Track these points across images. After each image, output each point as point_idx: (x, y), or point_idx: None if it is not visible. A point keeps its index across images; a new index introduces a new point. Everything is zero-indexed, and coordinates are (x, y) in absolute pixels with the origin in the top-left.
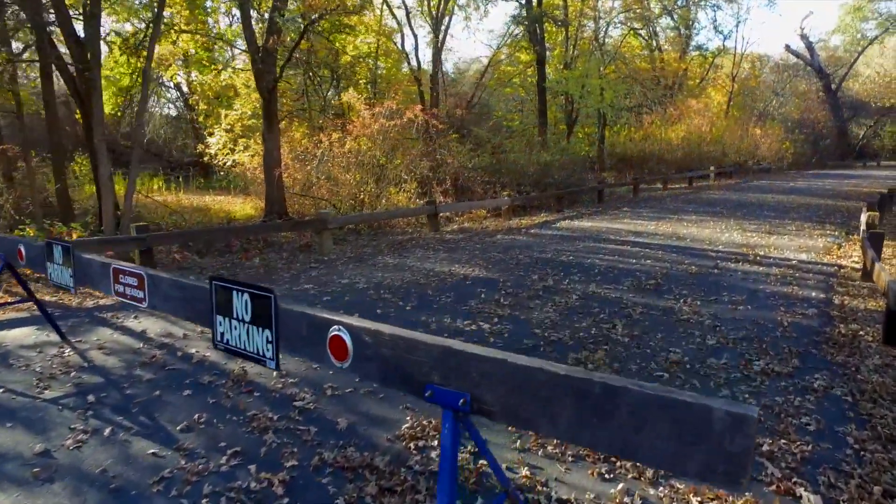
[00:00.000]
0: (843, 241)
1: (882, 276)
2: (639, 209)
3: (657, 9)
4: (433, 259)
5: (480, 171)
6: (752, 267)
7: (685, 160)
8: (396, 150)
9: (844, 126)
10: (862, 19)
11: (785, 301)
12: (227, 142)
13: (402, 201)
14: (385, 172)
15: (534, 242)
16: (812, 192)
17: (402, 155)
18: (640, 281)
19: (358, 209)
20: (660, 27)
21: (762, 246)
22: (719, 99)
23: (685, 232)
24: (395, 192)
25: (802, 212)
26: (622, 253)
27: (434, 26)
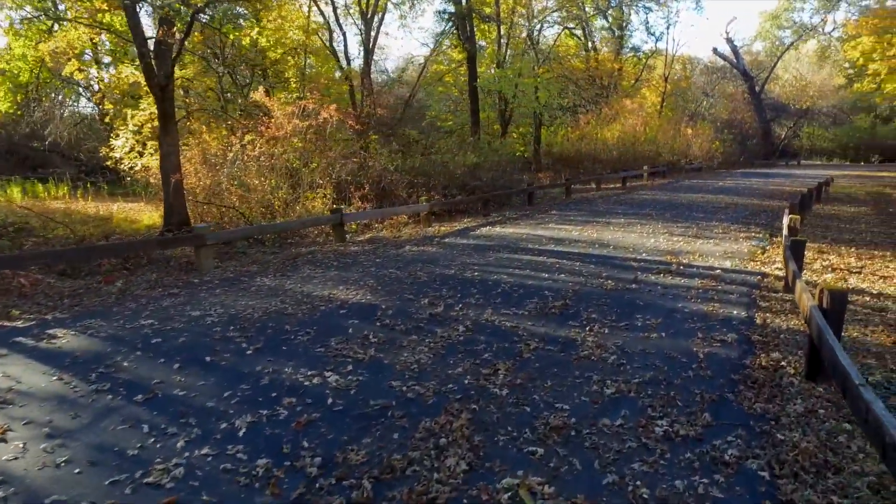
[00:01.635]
0: (768, 243)
1: (804, 300)
2: (568, 212)
3: (590, 9)
4: (319, 279)
5: (406, 173)
6: (673, 279)
7: (620, 160)
8: (313, 153)
9: (768, 127)
10: (779, 27)
11: (704, 324)
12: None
13: (318, 208)
14: (300, 177)
15: (442, 254)
16: (739, 192)
17: (318, 158)
18: (546, 302)
19: (269, 217)
20: (595, 28)
21: (687, 253)
22: (653, 99)
23: (610, 237)
24: (313, 197)
25: (730, 212)
26: (536, 266)
27: (365, 24)
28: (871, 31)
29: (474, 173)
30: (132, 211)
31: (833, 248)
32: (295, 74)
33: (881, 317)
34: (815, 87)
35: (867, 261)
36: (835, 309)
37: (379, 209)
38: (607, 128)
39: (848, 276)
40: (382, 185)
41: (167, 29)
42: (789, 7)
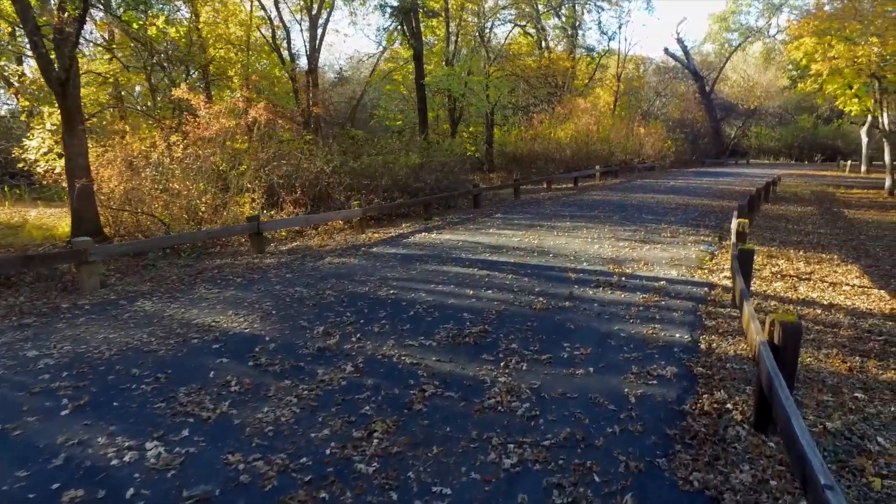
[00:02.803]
0: (716, 248)
1: (751, 332)
2: (513, 215)
3: (543, 7)
4: (210, 301)
5: (345, 175)
6: (613, 294)
7: (574, 159)
8: (243, 155)
9: (718, 126)
10: (727, 29)
11: (641, 353)
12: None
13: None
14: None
15: (363, 267)
16: (690, 192)
17: (248, 160)
18: (461, 328)
19: (192, 225)
20: (548, 26)
21: (631, 261)
22: (606, 98)
23: (551, 244)
24: (244, 201)
25: (679, 214)
26: (462, 280)
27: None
28: (811, 33)
29: (418, 175)
30: (51, 218)
31: (782, 252)
32: (239, 72)
33: (834, 335)
34: (761, 87)
35: (816, 265)
36: (788, 346)
37: (304, 216)
38: (561, 127)
39: (797, 283)
40: (319, 188)
41: (62, 15)
42: (736, 10)
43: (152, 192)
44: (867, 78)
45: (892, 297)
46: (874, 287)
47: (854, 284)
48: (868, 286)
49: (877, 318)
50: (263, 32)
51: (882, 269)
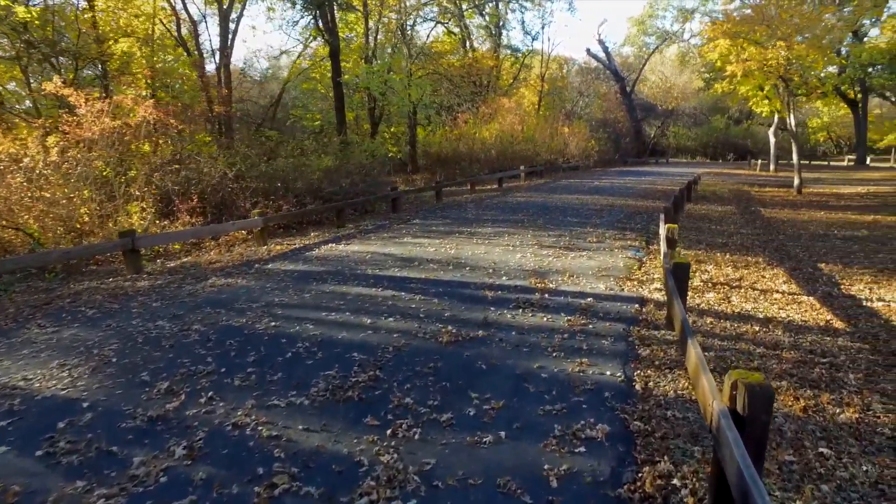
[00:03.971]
0: (644, 254)
1: (703, 388)
2: (432, 220)
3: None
4: (35, 347)
5: (255, 180)
6: (534, 317)
7: (499, 159)
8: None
9: (639, 126)
10: (645, 33)
11: (565, 404)
12: None
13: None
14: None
15: (250, 290)
16: (614, 192)
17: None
18: (347, 375)
19: (70, 239)
20: (472, 25)
21: (555, 273)
22: (531, 98)
23: (469, 254)
24: (134, 210)
25: (605, 216)
26: (362, 304)
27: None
28: (724, 35)
29: (332, 178)
30: None
31: (709, 256)
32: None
33: (778, 360)
34: (678, 89)
35: (743, 269)
36: (756, 418)
37: (193, 229)
38: (486, 127)
39: (729, 292)
40: (222, 195)
41: None
42: (653, 14)
43: (23, 200)
44: (776, 80)
45: (821, 304)
46: (803, 293)
47: (783, 291)
48: (797, 292)
49: (814, 333)
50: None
51: (805, 272)
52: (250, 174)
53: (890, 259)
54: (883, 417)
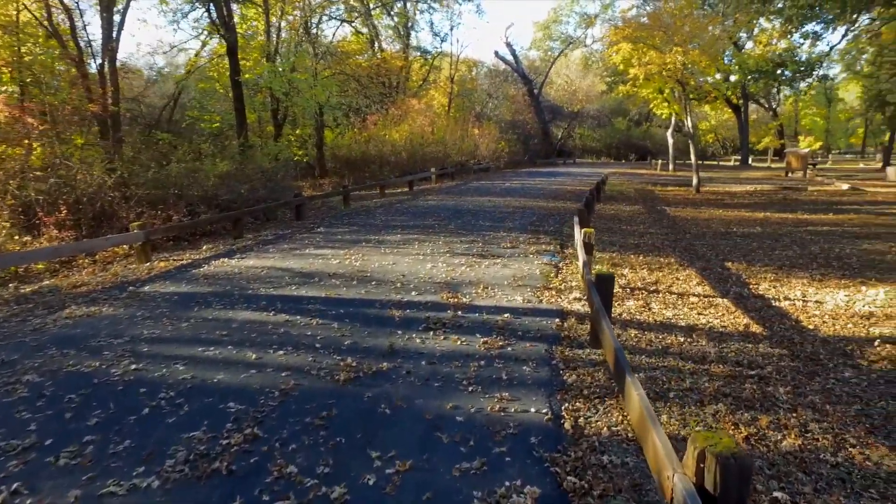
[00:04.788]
0: (560, 258)
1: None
2: (338, 228)
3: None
4: None
5: (140, 187)
6: (447, 340)
7: (409, 161)
8: None
9: (547, 127)
10: (550, 38)
11: (485, 459)
12: None
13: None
14: None
15: (115, 321)
16: (526, 193)
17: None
18: (217, 437)
19: None
20: (381, 25)
21: (469, 284)
22: (441, 100)
23: (376, 266)
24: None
25: (518, 218)
26: (249, 334)
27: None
28: (626, 39)
29: (230, 184)
30: None
31: (624, 259)
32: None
33: (709, 376)
34: (583, 91)
35: (658, 272)
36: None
37: (53, 248)
38: (395, 129)
39: (648, 297)
40: (99, 205)
41: None
42: (557, 19)
43: None
44: (674, 83)
45: (736, 306)
46: (717, 295)
47: (699, 294)
48: (711, 294)
49: (736, 340)
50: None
51: (715, 272)
52: (136, 181)
53: (784, 256)
54: (822, 440)
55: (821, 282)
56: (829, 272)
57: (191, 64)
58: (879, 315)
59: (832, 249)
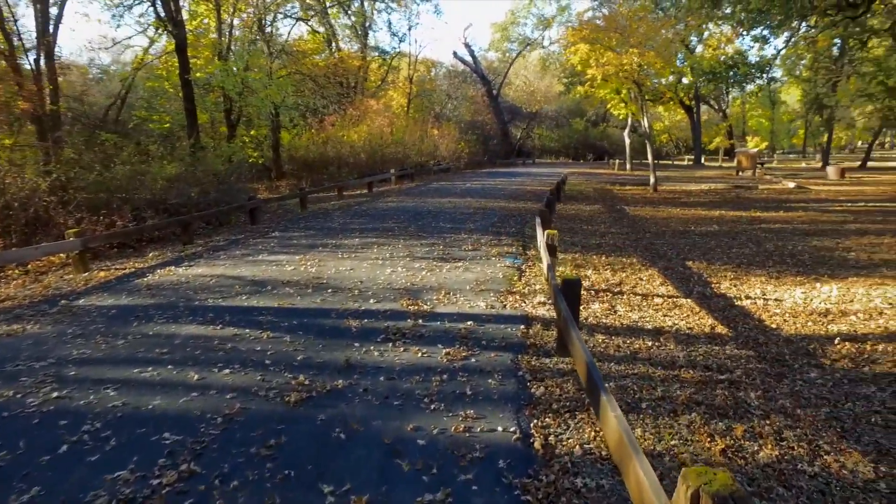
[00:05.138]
0: (522, 260)
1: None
2: (294, 232)
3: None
4: None
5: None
6: (407, 352)
7: (368, 163)
8: None
9: (506, 128)
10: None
11: (450, 489)
12: None
13: None
14: None
15: (38, 341)
16: (486, 194)
17: None
18: (144, 477)
19: None
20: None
21: (430, 290)
22: (400, 100)
23: (333, 272)
24: None
25: (479, 220)
26: (192, 351)
27: None
28: (584, 40)
29: (180, 188)
30: None
31: (587, 259)
32: None
33: (680, 383)
34: (541, 92)
35: (621, 272)
36: None
37: None
38: (354, 129)
39: (613, 299)
40: (34, 210)
41: None
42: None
43: None
44: (631, 84)
45: (700, 307)
46: (680, 295)
47: (663, 294)
48: (675, 294)
49: (703, 343)
50: None
51: (677, 272)
52: (76, 184)
53: (742, 254)
54: (797, 448)
55: (778, 279)
56: (785, 269)
57: (138, 61)
58: (835, 312)
59: (785, 247)
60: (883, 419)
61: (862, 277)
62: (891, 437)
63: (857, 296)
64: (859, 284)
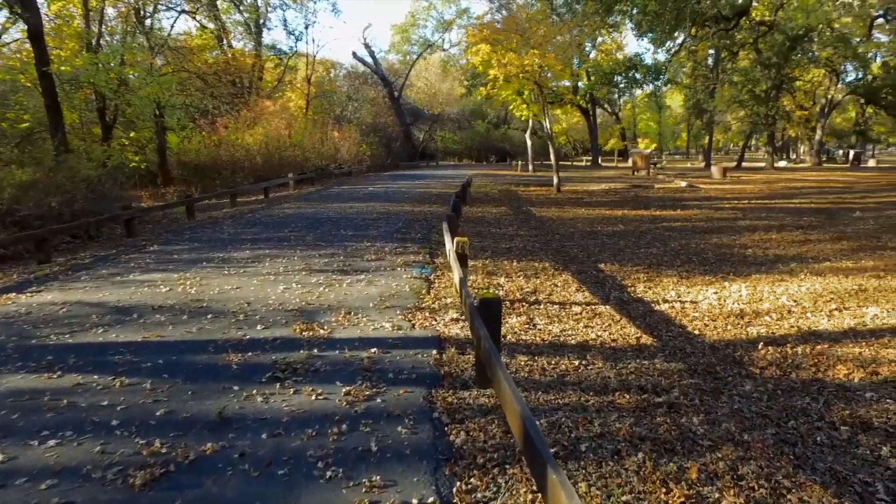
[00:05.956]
0: (431, 269)
1: None
2: (177, 245)
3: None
4: None
5: None
6: (298, 394)
7: (266, 167)
8: None
9: (409, 130)
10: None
11: None
12: None
13: None
14: None
15: None
16: (390, 198)
17: None
18: None
19: None
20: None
21: (329, 310)
22: (299, 102)
23: (216, 291)
24: None
25: (382, 225)
26: (10, 416)
27: None
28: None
29: (37, 197)
30: None
31: (498, 266)
32: None
33: (617, 412)
34: (443, 94)
35: (535, 279)
36: None
37: None
38: (249, 132)
39: (530, 310)
40: None
41: None
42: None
43: None
44: (533, 85)
45: (620, 314)
46: (598, 302)
47: (581, 302)
48: (593, 301)
49: (631, 357)
50: None
51: (591, 275)
52: None
53: (650, 254)
54: (758, 489)
55: (688, 279)
56: (693, 268)
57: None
58: (749, 313)
59: (689, 245)
60: (827, 437)
61: (763, 274)
62: (841, 460)
63: (764, 294)
64: (763, 282)
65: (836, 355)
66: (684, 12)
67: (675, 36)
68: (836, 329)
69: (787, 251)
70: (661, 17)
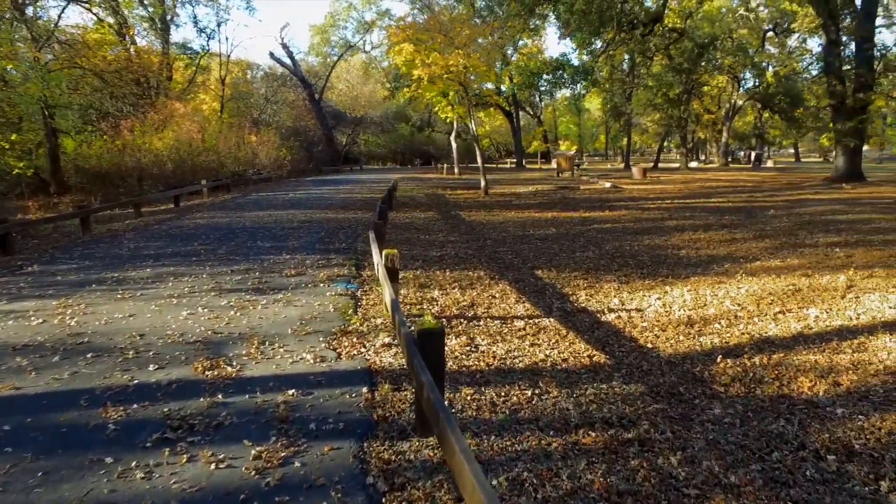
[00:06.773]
0: (357, 284)
1: None
2: (62, 265)
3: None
4: None
5: None
6: (194, 461)
7: (177, 173)
8: None
9: (331, 133)
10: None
11: None
12: None
13: None
14: None
15: None
16: (312, 204)
17: None
18: None
19: None
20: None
21: (239, 341)
22: (212, 104)
23: (103, 321)
24: None
25: (303, 235)
26: None
27: None
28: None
29: None
30: None
31: (431, 277)
32: None
33: (586, 456)
34: (365, 97)
35: (471, 291)
36: None
37: None
38: (158, 136)
39: (469, 329)
40: None
41: None
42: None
43: None
44: (458, 86)
45: (566, 329)
46: (541, 314)
47: (522, 315)
48: (536, 314)
49: (587, 381)
50: None
51: (528, 283)
52: None
53: (586, 258)
54: None
55: (629, 284)
56: (631, 272)
57: None
58: (697, 320)
59: (623, 247)
60: (816, 471)
61: (700, 276)
62: (837, 498)
63: (707, 298)
64: (703, 284)
65: (794, 365)
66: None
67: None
68: (786, 335)
69: (718, 251)
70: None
